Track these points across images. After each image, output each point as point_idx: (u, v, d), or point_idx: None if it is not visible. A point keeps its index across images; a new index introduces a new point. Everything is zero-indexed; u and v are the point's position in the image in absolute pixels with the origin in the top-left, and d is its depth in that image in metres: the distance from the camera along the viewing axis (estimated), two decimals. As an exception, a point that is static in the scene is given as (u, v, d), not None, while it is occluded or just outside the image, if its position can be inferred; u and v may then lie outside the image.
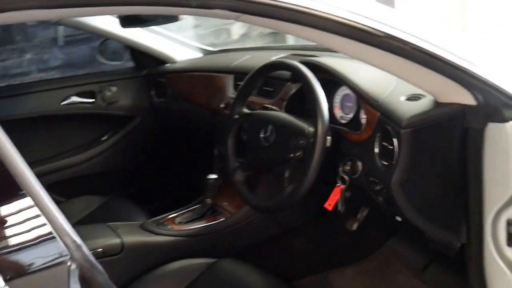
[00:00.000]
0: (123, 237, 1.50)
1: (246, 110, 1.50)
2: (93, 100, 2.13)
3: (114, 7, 0.78)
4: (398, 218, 1.30)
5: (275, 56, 1.74)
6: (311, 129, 1.28)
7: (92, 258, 0.69)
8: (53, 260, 0.66)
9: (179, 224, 1.65)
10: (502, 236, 1.11)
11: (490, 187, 1.10)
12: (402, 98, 1.17)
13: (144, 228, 1.59)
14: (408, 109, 1.13)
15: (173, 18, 1.18)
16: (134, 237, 1.54)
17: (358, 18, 0.92)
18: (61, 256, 0.65)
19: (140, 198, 1.95)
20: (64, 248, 0.65)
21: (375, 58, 1.03)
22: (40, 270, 0.66)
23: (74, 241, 0.66)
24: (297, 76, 1.38)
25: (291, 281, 1.62)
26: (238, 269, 1.42)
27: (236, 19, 0.86)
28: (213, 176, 1.68)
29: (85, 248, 0.68)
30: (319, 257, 1.78)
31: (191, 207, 1.73)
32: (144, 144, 2.22)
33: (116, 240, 1.49)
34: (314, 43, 1.45)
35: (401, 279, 1.64)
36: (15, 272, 0.64)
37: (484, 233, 1.12)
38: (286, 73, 1.50)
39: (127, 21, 1.25)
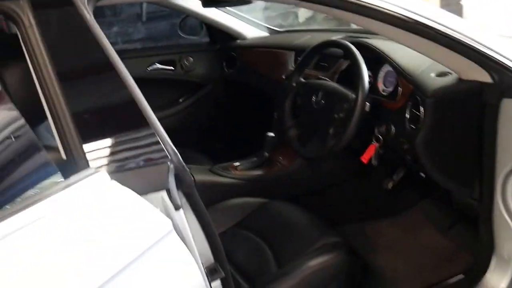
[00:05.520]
0: (195, 175, 1.82)
1: (302, 80, 1.77)
2: (173, 68, 2.45)
3: None
4: (422, 175, 1.53)
5: (333, 37, 1.99)
6: (354, 96, 1.53)
7: (183, 163, 0.99)
8: (159, 159, 0.96)
9: (240, 171, 1.92)
10: (510, 194, 1.29)
11: (502, 153, 1.27)
12: (432, 75, 1.38)
13: (212, 171, 1.89)
14: (435, 83, 1.35)
15: (248, 0, 1.37)
16: (203, 176, 1.85)
17: (393, 7, 1.13)
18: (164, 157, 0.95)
19: (209, 149, 2.25)
20: (166, 153, 0.96)
21: (409, 41, 1.24)
22: (150, 166, 0.96)
23: (173, 149, 0.96)
24: (346, 53, 1.62)
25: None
26: (286, 209, 1.63)
27: (297, 5, 1.12)
28: (271, 133, 1.94)
29: (179, 156, 0.98)
30: (357, 210, 1.99)
31: (252, 158, 2.00)
32: (214, 107, 2.53)
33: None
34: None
35: (428, 234, 1.80)
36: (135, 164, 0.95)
37: (494, 191, 1.31)
38: (340, 51, 1.73)
39: (208, 2, 1.37)
